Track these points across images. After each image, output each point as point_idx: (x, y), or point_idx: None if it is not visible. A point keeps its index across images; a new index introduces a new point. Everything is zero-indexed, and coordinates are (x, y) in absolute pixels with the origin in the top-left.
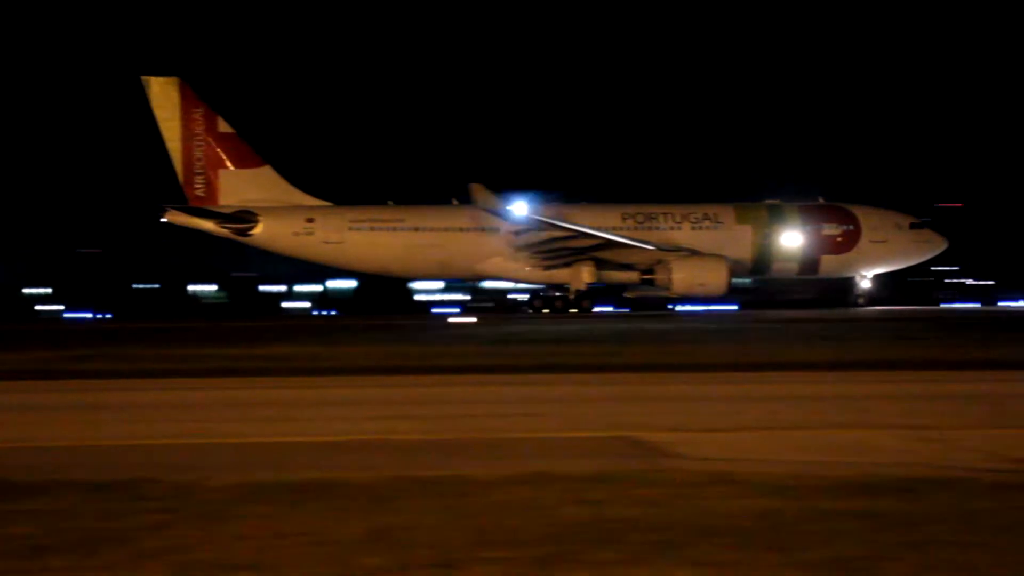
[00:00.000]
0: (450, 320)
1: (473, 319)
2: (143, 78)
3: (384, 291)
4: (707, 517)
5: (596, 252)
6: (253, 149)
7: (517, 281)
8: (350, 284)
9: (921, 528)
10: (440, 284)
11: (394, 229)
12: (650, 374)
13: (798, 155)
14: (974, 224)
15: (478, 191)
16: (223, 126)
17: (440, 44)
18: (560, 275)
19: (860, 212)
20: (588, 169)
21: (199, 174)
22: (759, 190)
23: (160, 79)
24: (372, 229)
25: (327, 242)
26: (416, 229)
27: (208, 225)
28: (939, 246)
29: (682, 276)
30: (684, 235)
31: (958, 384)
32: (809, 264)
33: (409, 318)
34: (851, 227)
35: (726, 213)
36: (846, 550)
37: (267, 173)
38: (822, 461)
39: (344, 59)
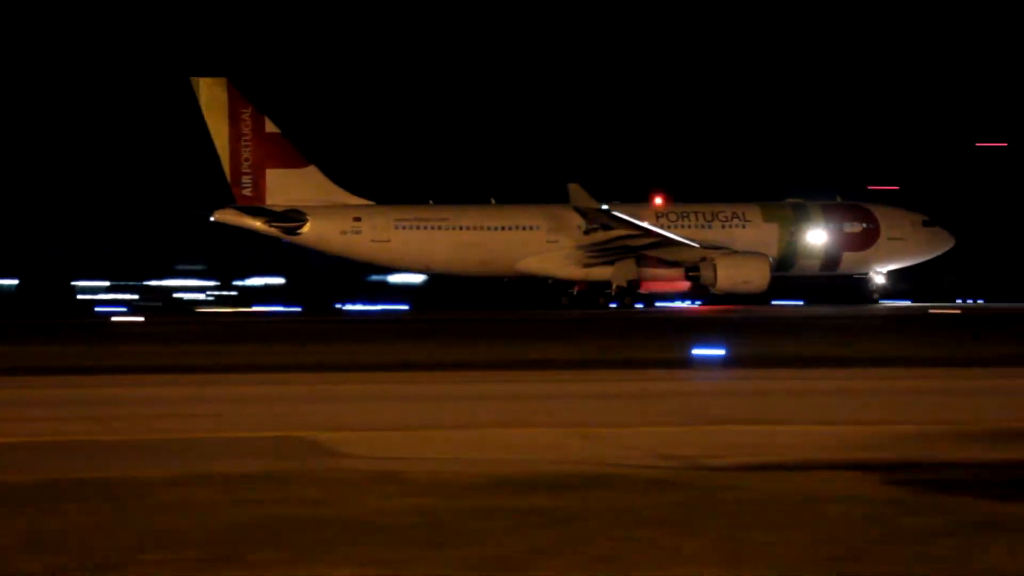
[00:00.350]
0: (114, 320)
1: (141, 318)
2: (192, 79)
3: (46, 290)
4: (371, 515)
5: (647, 250)
6: (298, 149)
7: (554, 278)
8: (11, 282)
9: (577, 524)
10: (105, 283)
11: (439, 228)
12: (343, 374)
13: (808, 154)
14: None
15: (576, 191)
16: (269, 126)
17: (458, 44)
18: (600, 272)
19: (878, 210)
20: (603, 168)
21: (246, 174)
22: (772, 189)
23: (208, 80)
24: (418, 228)
25: (375, 240)
26: (460, 228)
27: (257, 224)
28: (949, 243)
29: (727, 273)
30: (715, 234)
31: (645, 383)
32: (831, 261)
33: (71, 319)
34: (870, 225)
35: (753, 212)
36: (505, 546)
37: (312, 173)
38: (494, 459)
39: (374, 58)
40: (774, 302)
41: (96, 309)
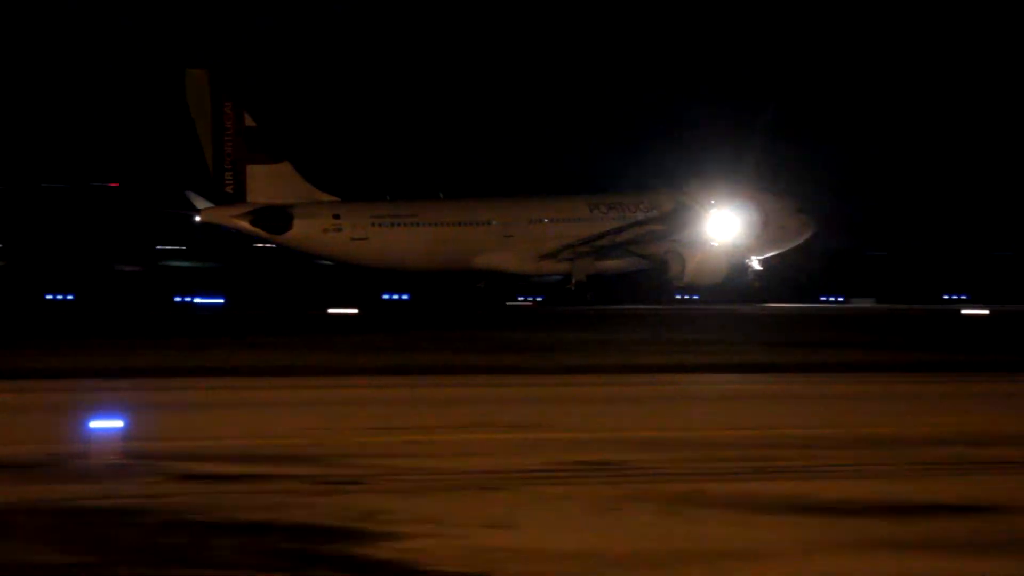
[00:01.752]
0: None
1: None
2: (188, 71)
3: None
4: None
5: (625, 244)
6: (274, 144)
7: (507, 273)
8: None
9: None
10: None
11: (414, 225)
12: None
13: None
14: None
15: (695, 187)
16: (249, 121)
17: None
18: (558, 267)
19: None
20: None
21: (228, 170)
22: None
23: (194, 71)
24: (393, 225)
25: (354, 239)
26: (434, 224)
27: (243, 224)
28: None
29: (694, 267)
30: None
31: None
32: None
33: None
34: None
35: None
36: None
37: (286, 169)
38: None
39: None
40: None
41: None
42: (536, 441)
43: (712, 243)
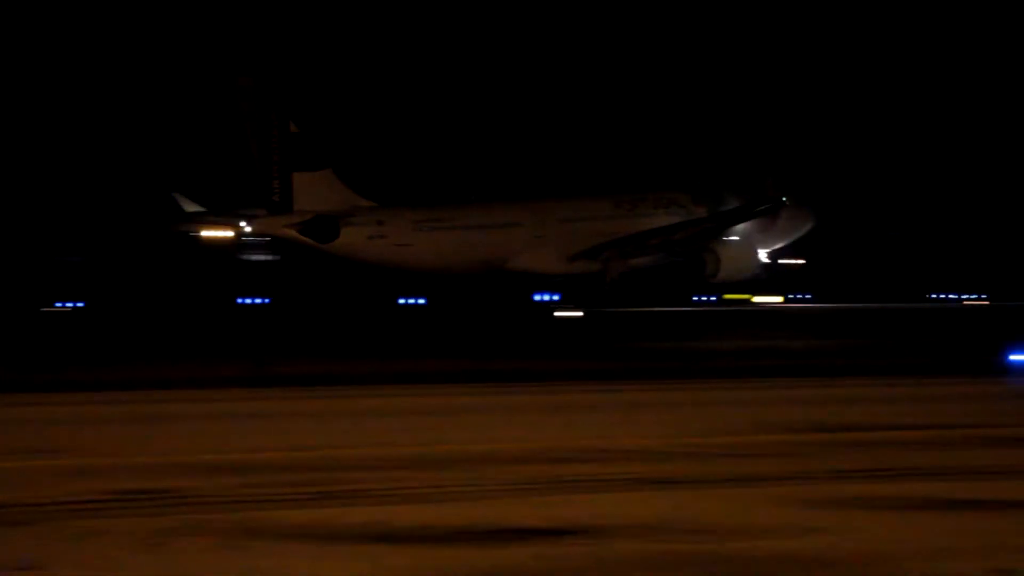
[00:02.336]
0: None
1: None
2: (241, 79)
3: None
4: None
5: (657, 242)
6: (317, 151)
7: (539, 273)
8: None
9: None
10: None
11: (451, 228)
12: None
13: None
14: None
15: (770, 187)
16: (293, 128)
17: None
18: (589, 267)
19: None
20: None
21: (275, 179)
22: None
23: (241, 79)
24: (435, 229)
25: (399, 244)
26: (471, 228)
27: (292, 233)
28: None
29: (728, 263)
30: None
31: None
32: None
33: None
34: None
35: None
36: None
37: (328, 176)
38: None
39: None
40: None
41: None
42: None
43: (739, 239)
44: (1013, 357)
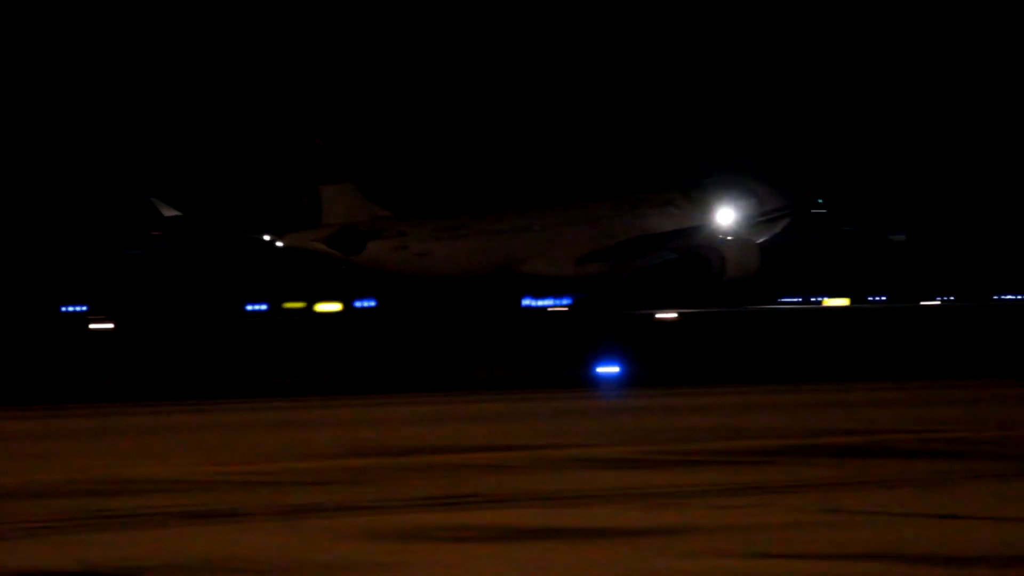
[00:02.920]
0: None
1: None
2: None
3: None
4: None
5: (663, 243)
6: (339, 164)
7: (548, 276)
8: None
9: None
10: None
11: (466, 236)
12: None
13: None
14: None
15: (808, 194)
16: (318, 140)
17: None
18: (598, 269)
19: None
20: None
21: (304, 193)
22: None
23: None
24: (452, 238)
25: (418, 254)
26: (486, 235)
27: (321, 247)
28: None
29: (734, 261)
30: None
31: None
32: None
33: None
34: None
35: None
36: None
37: (350, 188)
38: None
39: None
40: None
41: None
42: None
43: (741, 237)
44: (599, 370)
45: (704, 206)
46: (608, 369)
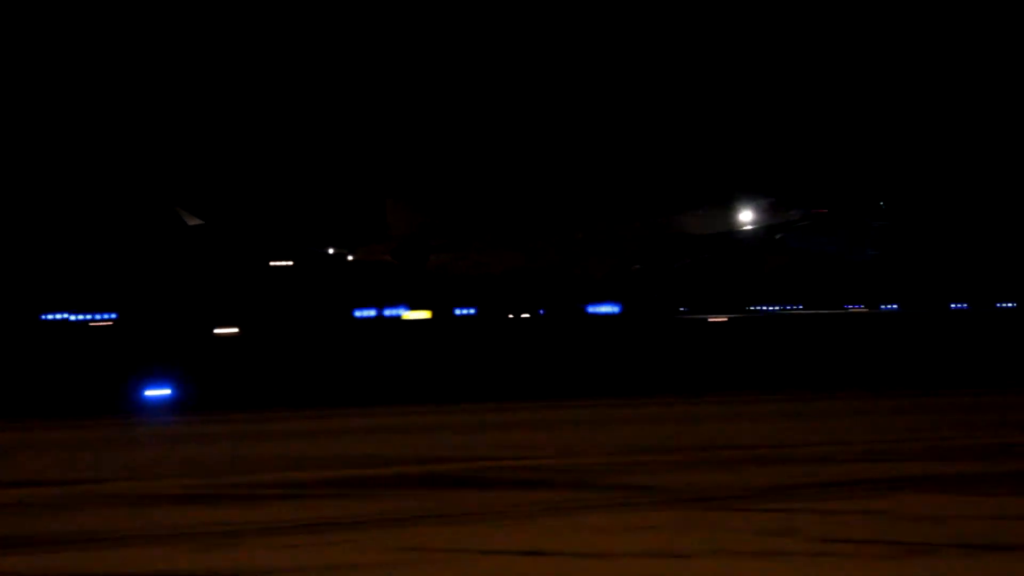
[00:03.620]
0: None
1: None
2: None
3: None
4: None
5: (694, 251)
6: (404, 178)
7: (593, 278)
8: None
9: None
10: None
11: (519, 246)
12: None
13: None
14: None
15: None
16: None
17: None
18: (630, 274)
19: None
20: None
21: (375, 205)
22: None
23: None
24: (504, 247)
25: (476, 262)
26: (537, 243)
27: (388, 259)
28: None
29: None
30: None
31: None
32: None
33: None
34: None
35: None
36: None
37: (412, 202)
38: None
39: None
40: None
41: None
42: None
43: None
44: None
45: (751, 217)
46: None
